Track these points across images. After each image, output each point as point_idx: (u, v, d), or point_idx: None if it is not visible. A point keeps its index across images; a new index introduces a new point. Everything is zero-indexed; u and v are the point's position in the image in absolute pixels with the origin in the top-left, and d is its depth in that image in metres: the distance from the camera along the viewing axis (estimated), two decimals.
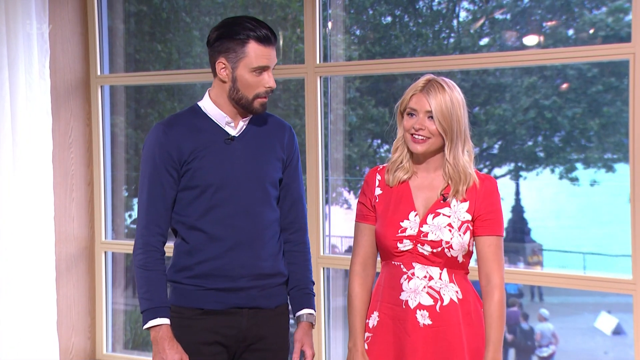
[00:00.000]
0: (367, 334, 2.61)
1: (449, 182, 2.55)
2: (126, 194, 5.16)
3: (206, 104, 2.66)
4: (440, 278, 2.53)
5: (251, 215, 2.62)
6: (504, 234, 2.60)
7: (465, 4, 4.91)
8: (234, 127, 2.64)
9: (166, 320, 2.58)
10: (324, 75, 4.22)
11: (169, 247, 2.64)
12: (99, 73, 4.79)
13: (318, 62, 4.17)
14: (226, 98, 2.63)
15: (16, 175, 4.28)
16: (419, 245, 2.52)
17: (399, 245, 2.53)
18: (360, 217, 2.64)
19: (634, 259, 3.47)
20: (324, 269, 4.23)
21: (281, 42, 4.95)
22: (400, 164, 2.59)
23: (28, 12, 4.29)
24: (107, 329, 4.86)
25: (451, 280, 2.53)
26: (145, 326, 2.57)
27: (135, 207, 5.30)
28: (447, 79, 2.57)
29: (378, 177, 2.63)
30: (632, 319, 3.52)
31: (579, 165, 5.10)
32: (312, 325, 2.73)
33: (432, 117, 2.51)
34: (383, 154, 4.93)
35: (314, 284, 2.79)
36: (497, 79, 4.97)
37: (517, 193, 5.68)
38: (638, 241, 3.45)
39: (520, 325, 5.77)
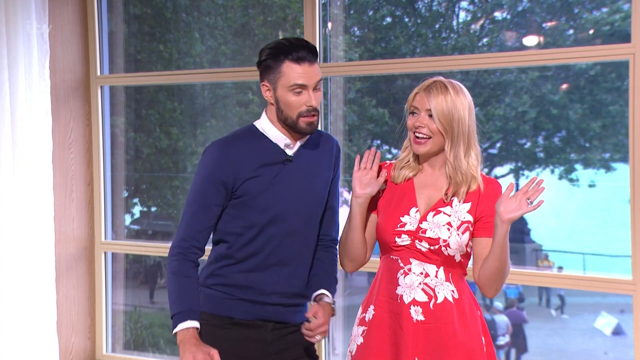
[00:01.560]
0: (362, 328, 2.62)
1: (450, 182, 2.55)
2: (126, 195, 5.16)
3: (264, 125, 2.68)
4: (436, 276, 2.54)
5: (297, 236, 2.66)
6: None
7: (464, 4, 4.91)
8: (292, 148, 2.67)
9: (195, 323, 2.58)
10: (324, 76, 4.22)
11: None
12: (98, 73, 4.78)
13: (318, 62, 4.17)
14: (276, 120, 2.65)
15: (16, 176, 4.27)
16: (416, 241, 2.54)
17: (397, 239, 2.55)
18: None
19: (633, 260, 3.47)
20: None
21: None
22: (407, 162, 2.62)
23: (28, 12, 4.28)
24: (106, 330, 4.86)
25: (447, 279, 2.55)
26: (175, 329, 2.57)
27: (135, 208, 5.30)
28: (455, 82, 2.59)
29: (384, 172, 2.65)
30: (632, 320, 3.52)
31: (578, 165, 5.10)
32: (332, 307, 2.71)
33: (432, 115, 2.52)
34: (383, 154, 4.93)
35: (337, 281, 2.80)
36: (498, 78, 4.97)
37: None
38: (638, 242, 3.45)
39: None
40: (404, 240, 2.55)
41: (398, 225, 2.56)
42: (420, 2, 4.95)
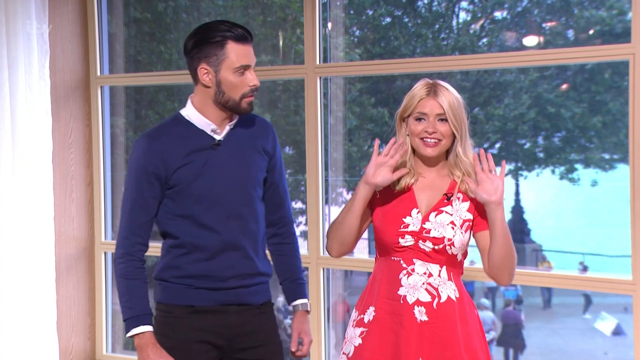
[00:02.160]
0: (362, 329, 2.61)
1: (462, 177, 2.57)
2: None
3: (190, 112, 2.68)
4: (439, 275, 2.54)
5: (237, 218, 2.67)
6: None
7: (464, 5, 4.91)
8: (220, 133, 2.68)
9: (149, 328, 2.62)
10: (323, 76, 4.22)
11: (156, 247, 2.64)
12: (98, 74, 4.78)
13: (318, 62, 4.17)
14: (212, 103, 2.65)
15: (16, 176, 4.27)
16: (420, 241, 2.54)
17: (400, 240, 2.55)
18: None
19: (633, 260, 3.47)
20: (323, 269, 4.23)
21: (281, 43, 4.95)
22: (407, 170, 2.60)
23: (28, 12, 4.28)
24: (106, 330, 4.86)
25: (449, 279, 2.55)
26: (129, 334, 2.62)
27: None
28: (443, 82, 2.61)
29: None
30: (632, 320, 3.52)
31: (579, 165, 5.11)
32: (307, 312, 2.84)
33: (442, 119, 2.54)
34: None
35: (303, 272, 2.88)
36: (498, 78, 4.97)
37: (517, 193, 5.68)
38: (638, 242, 3.45)
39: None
40: (407, 241, 2.55)
41: (401, 226, 2.55)
42: (420, 2, 4.95)
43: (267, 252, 2.86)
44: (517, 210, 5.76)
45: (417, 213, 2.56)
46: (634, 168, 3.45)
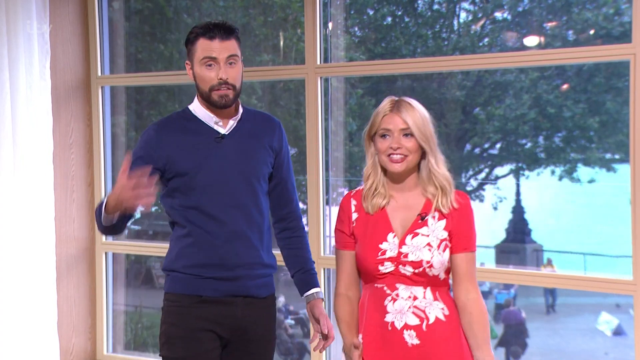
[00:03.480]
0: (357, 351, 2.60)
1: (437, 193, 2.54)
2: None
3: (195, 107, 2.81)
4: (424, 297, 2.53)
5: (241, 208, 2.75)
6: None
7: (465, 5, 4.92)
8: (223, 126, 2.78)
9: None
10: (324, 76, 4.22)
11: (158, 247, 2.64)
12: (99, 74, 4.79)
13: (318, 62, 4.17)
14: (201, 98, 2.79)
15: (16, 176, 4.27)
16: (400, 266, 2.52)
17: (380, 267, 2.53)
18: (340, 245, 2.64)
19: (634, 260, 3.47)
20: (324, 269, 4.22)
21: (282, 43, 4.95)
22: (376, 191, 2.58)
23: (29, 13, 4.28)
24: (107, 330, 4.86)
25: (435, 298, 2.53)
26: (103, 203, 2.67)
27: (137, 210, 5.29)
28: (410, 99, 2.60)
29: (353, 201, 2.62)
30: (633, 320, 3.52)
31: (579, 165, 5.11)
32: (322, 300, 2.87)
33: (407, 134, 2.52)
34: None
35: (314, 262, 2.94)
36: (499, 78, 4.97)
37: (518, 193, 5.68)
38: (639, 242, 3.44)
39: None
40: (387, 267, 2.53)
41: (379, 254, 2.53)
42: (420, 2, 4.96)
43: (278, 247, 2.93)
44: (518, 210, 5.76)
45: (394, 237, 2.53)
46: (635, 168, 3.45)
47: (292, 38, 4.91)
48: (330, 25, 4.40)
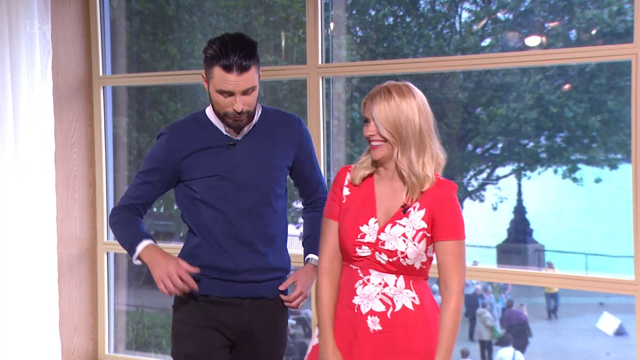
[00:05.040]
0: (318, 331, 2.62)
1: (407, 189, 2.53)
2: None
3: (210, 112, 2.80)
4: (395, 285, 2.52)
5: (253, 215, 2.76)
6: (465, 237, 2.55)
7: (467, 5, 4.92)
8: (237, 133, 2.77)
9: (149, 241, 2.69)
10: (326, 76, 4.22)
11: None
12: (101, 74, 4.79)
13: (320, 62, 4.17)
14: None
15: (18, 176, 4.28)
16: (376, 253, 2.52)
17: (358, 250, 2.53)
18: (328, 213, 2.64)
19: (636, 260, 3.46)
20: None
21: (283, 43, 4.95)
22: (365, 165, 2.59)
23: (30, 13, 4.29)
24: (109, 330, 4.87)
25: (407, 287, 2.52)
26: (135, 255, 2.67)
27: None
28: (404, 84, 2.54)
29: (348, 176, 2.63)
30: (635, 320, 3.52)
31: (581, 165, 5.11)
32: (315, 267, 2.84)
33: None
34: None
35: None
36: (501, 78, 4.97)
37: (520, 193, 5.68)
38: None
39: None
40: (364, 251, 2.53)
41: (358, 236, 2.53)
42: (422, 3, 4.95)
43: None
44: (520, 210, 5.76)
45: (375, 223, 2.53)
46: (637, 167, 3.44)
47: (294, 38, 4.91)
48: (331, 25, 4.39)
